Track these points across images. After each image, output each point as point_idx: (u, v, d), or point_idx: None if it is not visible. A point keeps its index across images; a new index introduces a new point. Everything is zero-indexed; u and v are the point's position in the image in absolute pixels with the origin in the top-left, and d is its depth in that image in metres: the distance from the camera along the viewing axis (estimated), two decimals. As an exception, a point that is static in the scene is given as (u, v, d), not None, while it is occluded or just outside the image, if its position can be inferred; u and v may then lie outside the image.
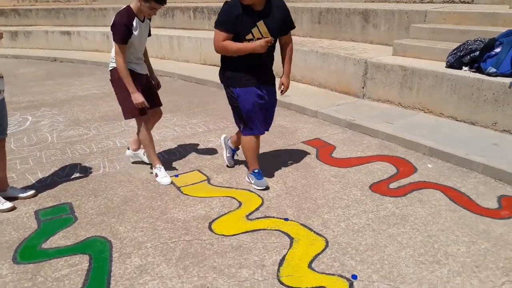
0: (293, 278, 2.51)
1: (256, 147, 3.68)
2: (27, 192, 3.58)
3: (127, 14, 3.50)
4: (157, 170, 3.86)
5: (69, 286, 2.49)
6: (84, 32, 11.09)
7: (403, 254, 2.71)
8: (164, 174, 3.85)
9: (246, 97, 3.49)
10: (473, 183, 3.61)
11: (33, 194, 3.58)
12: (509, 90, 4.27)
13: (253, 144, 3.64)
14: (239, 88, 3.50)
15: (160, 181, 3.81)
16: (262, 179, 3.65)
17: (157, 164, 3.88)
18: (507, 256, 2.66)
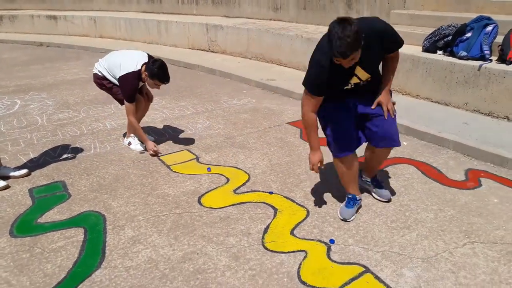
0: (276, 244, 2.74)
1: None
2: (20, 171, 3.73)
3: (136, 81, 3.92)
4: (131, 139, 4.28)
5: (66, 256, 2.66)
6: (71, 17, 11.05)
7: (377, 221, 2.96)
8: (137, 142, 4.26)
9: None
10: (444, 159, 3.88)
11: (27, 173, 3.73)
12: (479, 72, 4.53)
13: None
14: None
15: (134, 148, 4.23)
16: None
17: (131, 133, 4.29)
18: (470, 221, 2.92)
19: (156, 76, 3.82)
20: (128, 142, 4.28)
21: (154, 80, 3.83)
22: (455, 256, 2.57)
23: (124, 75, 3.86)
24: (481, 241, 2.71)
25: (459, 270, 2.45)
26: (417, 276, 2.42)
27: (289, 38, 7.02)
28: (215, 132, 4.66)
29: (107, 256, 2.66)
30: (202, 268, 2.53)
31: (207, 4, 9.97)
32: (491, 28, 4.72)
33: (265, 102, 5.72)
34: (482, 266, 2.49)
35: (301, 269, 2.50)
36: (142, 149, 4.18)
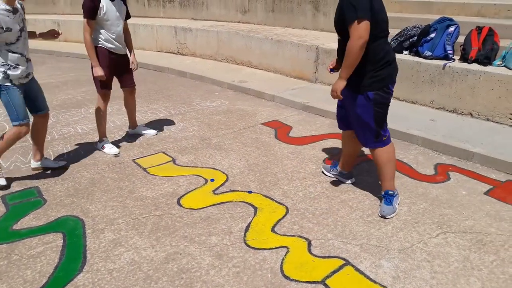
0: (258, 241, 2.79)
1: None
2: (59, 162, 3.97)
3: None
4: (104, 143, 4.24)
5: (46, 262, 2.62)
6: (33, 20, 10.70)
7: (354, 215, 3.06)
8: (111, 145, 4.23)
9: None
10: (413, 154, 4.04)
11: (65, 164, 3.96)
12: (443, 71, 4.75)
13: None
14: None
15: (108, 152, 4.18)
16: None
17: (104, 137, 4.28)
18: (441, 213, 3.07)
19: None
20: (101, 146, 4.23)
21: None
22: (429, 246, 2.70)
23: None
24: (452, 231, 2.86)
25: (433, 259, 2.58)
26: (395, 266, 2.53)
27: (258, 40, 7.10)
28: (190, 134, 4.67)
29: (88, 260, 2.63)
30: (186, 268, 2.55)
31: (174, 6, 9.93)
32: (453, 29, 4.96)
33: (238, 104, 5.76)
34: (454, 254, 2.63)
35: (284, 264, 2.56)
36: (117, 152, 4.15)
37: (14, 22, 3.24)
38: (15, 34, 3.26)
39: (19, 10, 3.33)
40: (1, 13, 3.17)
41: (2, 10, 3.18)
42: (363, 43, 2.65)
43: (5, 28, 3.19)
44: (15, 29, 3.25)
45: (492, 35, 4.75)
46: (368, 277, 2.44)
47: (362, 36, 2.62)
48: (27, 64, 3.42)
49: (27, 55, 3.43)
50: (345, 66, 2.78)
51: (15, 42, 3.29)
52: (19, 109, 3.41)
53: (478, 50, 4.68)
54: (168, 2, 9.98)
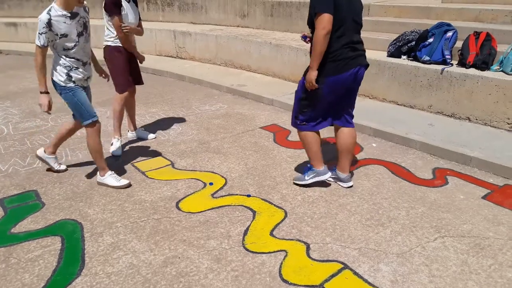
0: (257, 245, 2.79)
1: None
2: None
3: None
4: (114, 140, 4.32)
5: (44, 265, 2.62)
6: (31, 24, 10.73)
7: (352, 219, 3.07)
8: (119, 145, 4.30)
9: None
10: (411, 158, 4.06)
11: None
12: (441, 76, 4.77)
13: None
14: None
15: (111, 149, 4.27)
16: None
17: (117, 136, 4.34)
18: (439, 217, 3.08)
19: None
20: (111, 143, 4.34)
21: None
22: (427, 250, 2.71)
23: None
24: (450, 235, 2.87)
25: (431, 263, 2.59)
26: (393, 270, 2.53)
27: (257, 44, 7.12)
28: (189, 138, 4.67)
29: (87, 263, 2.63)
30: (185, 272, 2.55)
31: (173, 10, 9.95)
32: (451, 34, 4.99)
33: (237, 108, 5.77)
34: (452, 258, 2.63)
35: (282, 268, 2.56)
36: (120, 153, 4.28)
37: (71, 27, 3.19)
38: (72, 39, 3.22)
39: (80, 13, 3.26)
40: (56, 19, 3.12)
41: (58, 16, 3.12)
42: (326, 33, 2.95)
43: (60, 34, 3.16)
44: (72, 34, 3.20)
45: (489, 40, 4.78)
46: (367, 281, 2.45)
47: (325, 27, 2.94)
48: (85, 67, 3.41)
49: (85, 59, 3.40)
50: (313, 55, 3.06)
51: (72, 48, 3.26)
52: (88, 108, 3.45)
53: (476, 55, 4.70)
54: (167, 6, 10.01)
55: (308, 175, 3.50)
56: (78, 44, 3.27)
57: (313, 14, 3.00)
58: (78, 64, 3.35)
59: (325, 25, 2.93)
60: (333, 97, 3.22)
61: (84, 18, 3.30)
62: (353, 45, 3.11)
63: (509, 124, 4.40)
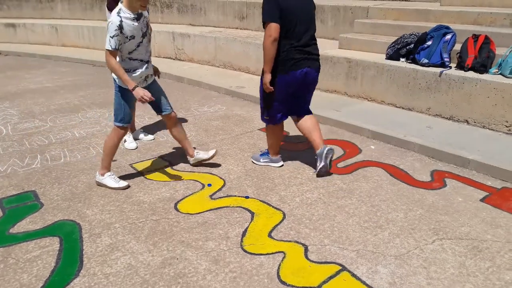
0: (255, 246, 2.79)
1: None
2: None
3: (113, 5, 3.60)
4: (126, 137, 4.42)
5: (42, 266, 2.61)
6: (30, 25, 10.74)
7: (350, 221, 3.07)
8: (131, 140, 4.46)
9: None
10: (410, 161, 4.06)
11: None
12: (440, 78, 4.79)
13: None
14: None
15: (126, 146, 4.40)
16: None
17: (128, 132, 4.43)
18: (437, 219, 3.09)
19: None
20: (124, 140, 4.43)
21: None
22: (425, 253, 2.71)
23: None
24: (448, 237, 2.87)
25: (430, 266, 2.59)
26: (391, 272, 2.54)
27: (256, 46, 7.13)
28: (188, 139, 4.67)
29: (85, 264, 2.62)
30: (183, 273, 2.55)
31: (172, 12, 9.96)
32: (450, 37, 5.00)
33: (236, 109, 5.78)
34: (450, 261, 2.64)
35: (281, 269, 2.56)
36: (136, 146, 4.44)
37: (137, 28, 3.22)
38: (137, 41, 3.26)
39: (144, 13, 3.29)
40: (126, 22, 3.14)
41: (127, 18, 3.15)
42: (273, 40, 3.27)
43: (129, 36, 3.21)
44: (137, 35, 3.25)
45: (488, 43, 4.79)
46: (365, 283, 2.45)
47: (271, 34, 3.26)
48: (145, 65, 3.43)
49: (147, 58, 3.44)
50: (264, 61, 3.39)
51: (136, 49, 3.29)
52: (125, 111, 3.49)
53: (475, 58, 4.72)
54: (166, 8, 10.02)
55: (263, 158, 3.99)
56: (141, 45, 3.31)
57: (262, 23, 3.36)
58: (140, 64, 3.39)
59: (271, 33, 3.27)
60: (284, 94, 3.57)
61: (146, 18, 3.33)
62: (301, 48, 3.43)
63: (507, 127, 4.42)
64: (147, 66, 3.46)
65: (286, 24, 3.31)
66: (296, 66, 3.43)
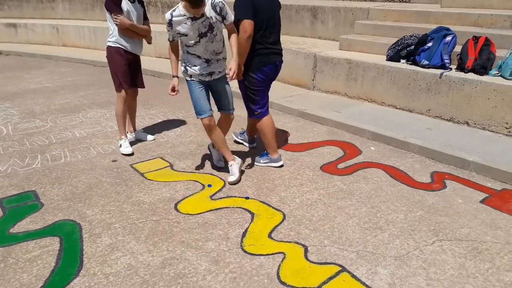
0: (255, 247, 2.79)
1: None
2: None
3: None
4: (122, 141, 4.34)
5: (42, 265, 2.62)
6: (31, 25, 10.75)
7: (350, 222, 3.07)
8: (127, 145, 4.32)
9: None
10: (410, 162, 4.07)
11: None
12: (440, 80, 4.79)
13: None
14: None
15: (122, 151, 4.28)
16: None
17: (123, 136, 4.37)
18: (437, 220, 3.09)
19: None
20: (119, 145, 4.37)
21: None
22: (425, 254, 2.72)
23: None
24: (448, 238, 2.88)
25: (429, 267, 2.59)
26: (391, 273, 2.54)
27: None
28: (188, 140, 4.68)
29: (85, 264, 2.63)
30: (183, 273, 2.55)
31: (174, 13, 9.98)
32: (450, 38, 5.01)
33: (236, 109, 5.73)
34: (450, 262, 2.64)
35: (281, 270, 2.56)
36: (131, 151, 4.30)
37: (192, 28, 3.34)
38: (191, 39, 3.38)
39: (205, 15, 3.31)
40: (177, 19, 3.33)
41: (179, 16, 3.32)
42: (248, 36, 3.45)
43: (181, 33, 3.39)
44: (192, 35, 3.36)
45: (488, 45, 4.80)
46: (364, 284, 2.45)
47: (247, 30, 3.43)
48: (208, 64, 3.51)
49: (209, 57, 3.49)
50: (239, 54, 3.51)
51: (192, 46, 3.42)
52: (196, 103, 3.63)
53: (475, 59, 4.72)
54: (168, 8, 10.02)
55: (263, 159, 4.03)
56: (198, 44, 3.41)
57: (236, 20, 3.48)
58: (199, 60, 3.49)
59: (246, 29, 3.42)
60: (264, 85, 3.81)
61: (210, 19, 3.35)
62: (272, 45, 3.70)
63: (507, 128, 4.42)
64: (209, 64, 3.52)
65: (259, 22, 3.51)
66: (272, 59, 3.74)
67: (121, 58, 4.20)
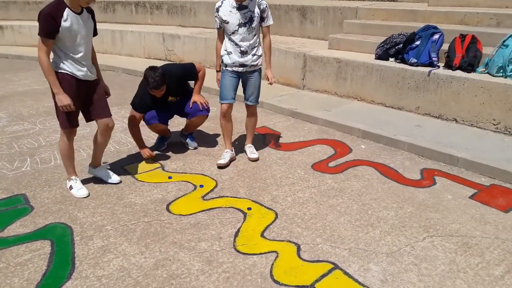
0: (248, 246, 2.80)
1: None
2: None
3: (56, 2, 3.05)
4: (72, 182, 3.52)
5: (34, 269, 2.59)
6: (18, 26, 10.61)
7: (342, 220, 3.09)
8: (80, 186, 3.51)
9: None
10: (400, 159, 4.11)
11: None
12: (428, 78, 4.84)
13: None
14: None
15: (75, 194, 3.47)
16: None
17: (72, 176, 3.54)
18: (427, 217, 3.13)
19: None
20: (69, 186, 3.54)
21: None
22: (416, 250, 2.75)
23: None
24: (439, 234, 2.91)
25: (421, 262, 2.62)
26: (383, 270, 2.56)
27: (247, 47, 7.13)
28: (179, 140, 4.66)
29: (77, 267, 2.61)
30: (176, 274, 2.55)
31: (162, 13, 9.93)
32: (438, 37, 5.06)
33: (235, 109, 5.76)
34: (441, 257, 2.67)
35: (274, 269, 2.58)
36: (87, 193, 3.49)
37: (234, 17, 3.68)
38: (231, 27, 3.70)
39: (250, 7, 3.68)
40: (224, 7, 3.70)
41: (226, 5, 3.69)
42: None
43: (223, 20, 3.72)
44: (233, 23, 3.69)
45: (475, 43, 4.86)
46: (357, 281, 2.47)
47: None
48: (242, 55, 3.78)
49: (244, 48, 3.75)
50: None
51: (232, 34, 3.73)
52: (221, 90, 4.00)
53: (462, 57, 4.78)
54: (156, 9, 9.98)
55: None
56: (236, 32, 3.71)
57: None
58: (236, 49, 3.77)
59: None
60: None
61: (252, 12, 3.70)
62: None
63: (494, 125, 4.48)
64: (244, 55, 3.78)
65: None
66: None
67: (70, 88, 3.21)
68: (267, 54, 3.92)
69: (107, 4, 10.41)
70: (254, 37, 3.79)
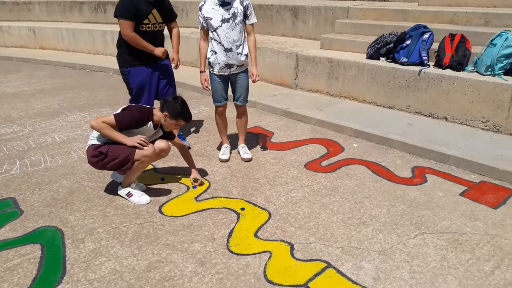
0: (241, 247, 2.79)
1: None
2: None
3: (145, 115, 3.28)
4: (130, 189, 3.45)
5: (24, 274, 2.56)
6: (7, 27, 10.50)
7: (335, 219, 3.10)
8: (141, 193, 3.45)
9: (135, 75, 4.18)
10: (391, 158, 4.13)
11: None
12: (419, 77, 4.87)
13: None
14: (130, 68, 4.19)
15: (137, 201, 3.38)
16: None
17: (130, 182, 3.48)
18: (419, 214, 3.15)
19: (180, 115, 3.31)
20: (127, 193, 3.45)
21: (178, 120, 3.32)
22: (408, 247, 2.76)
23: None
24: (430, 231, 2.93)
25: (412, 260, 2.64)
26: (375, 267, 2.57)
27: (238, 47, 7.13)
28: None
29: (68, 271, 2.58)
30: (169, 276, 2.53)
31: (153, 14, 9.89)
32: (428, 36, 5.10)
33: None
34: (432, 254, 2.69)
35: (267, 269, 2.57)
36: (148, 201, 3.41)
37: (217, 13, 3.69)
38: (215, 22, 3.70)
39: (233, 4, 3.70)
40: (207, 5, 3.73)
41: (210, 3, 3.72)
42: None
43: (207, 17, 3.73)
44: (216, 18, 3.70)
45: (464, 42, 4.90)
46: (350, 279, 2.48)
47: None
48: (226, 54, 3.78)
49: (228, 46, 3.75)
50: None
51: (214, 31, 3.76)
52: (213, 94, 4.08)
53: (452, 56, 4.82)
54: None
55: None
56: (219, 28, 3.72)
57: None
58: (220, 47, 3.77)
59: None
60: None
61: (235, 8, 3.71)
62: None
63: (483, 123, 4.52)
64: (228, 53, 3.78)
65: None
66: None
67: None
68: (252, 52, 3.91)
69: (98, 4, 10.33)
70: (239, 35, 3.79)
